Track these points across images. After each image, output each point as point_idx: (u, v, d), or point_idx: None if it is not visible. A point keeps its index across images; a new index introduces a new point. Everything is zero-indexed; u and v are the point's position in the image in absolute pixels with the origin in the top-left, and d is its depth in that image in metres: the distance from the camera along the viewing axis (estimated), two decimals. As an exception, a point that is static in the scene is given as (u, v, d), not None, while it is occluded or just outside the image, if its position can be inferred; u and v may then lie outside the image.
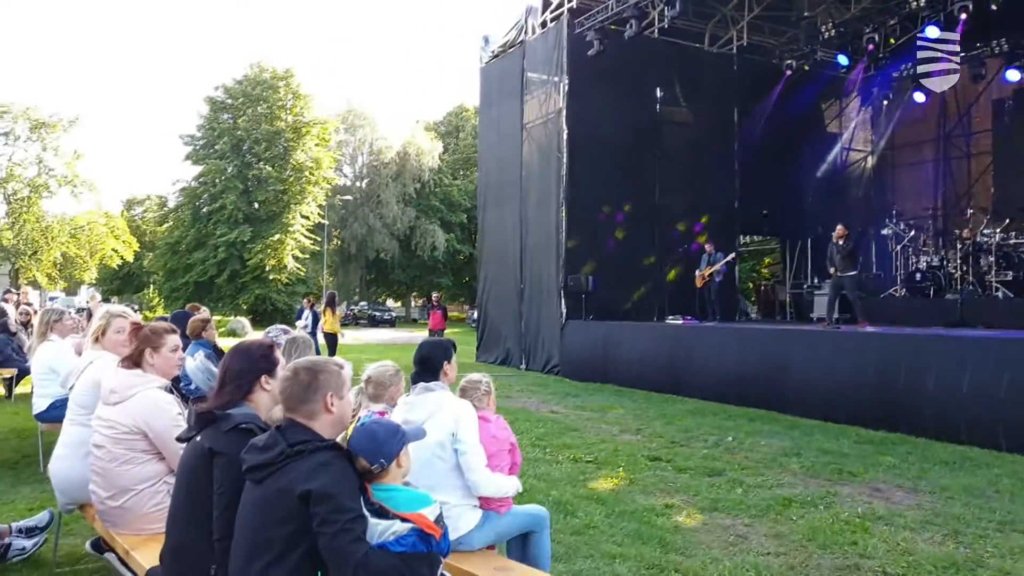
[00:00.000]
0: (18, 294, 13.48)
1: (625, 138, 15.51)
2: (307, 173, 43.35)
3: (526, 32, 16.81)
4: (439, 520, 2.37)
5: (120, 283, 55.72)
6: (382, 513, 2.29)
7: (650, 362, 12.45)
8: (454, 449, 3.31)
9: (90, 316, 9.51)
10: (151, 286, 51.92)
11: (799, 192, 17.75)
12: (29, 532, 4.04)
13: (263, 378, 2.70)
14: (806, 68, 16.72)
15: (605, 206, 15.26)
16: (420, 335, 30.24)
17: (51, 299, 32.10)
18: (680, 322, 13.81)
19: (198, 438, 2.60)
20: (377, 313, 48.00)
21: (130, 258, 48.56)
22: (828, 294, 12.76)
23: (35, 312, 11.43)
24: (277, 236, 41.46)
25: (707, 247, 14.66)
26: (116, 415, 3.30)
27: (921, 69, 14.48)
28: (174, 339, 3.50)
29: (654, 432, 8.56)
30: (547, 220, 15.60)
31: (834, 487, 6.10)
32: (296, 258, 42.88)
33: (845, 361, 9.41)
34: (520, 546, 3.64)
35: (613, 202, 15.36)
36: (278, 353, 2.82)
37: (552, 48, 15.71)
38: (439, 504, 2.44)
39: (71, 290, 60.59)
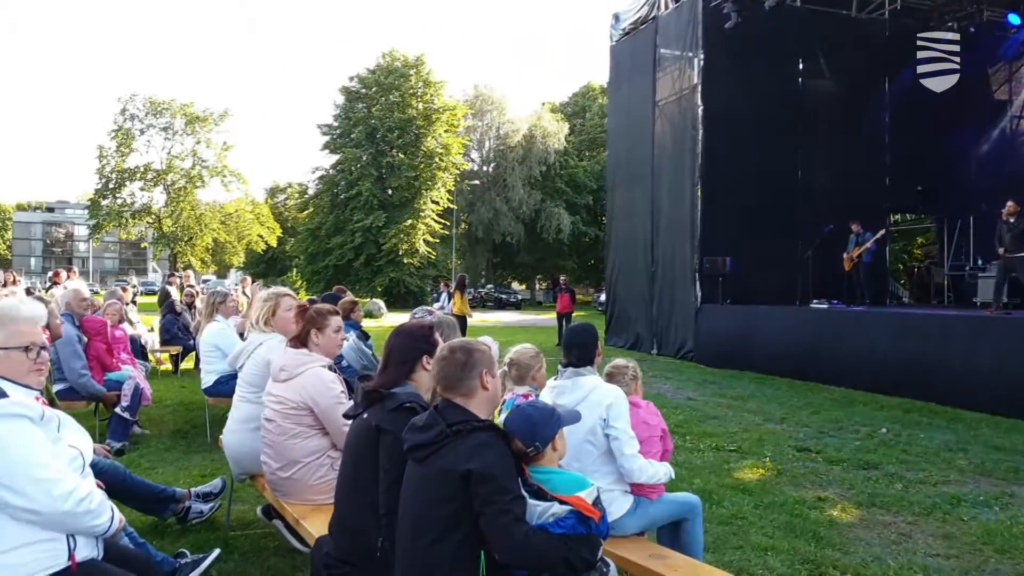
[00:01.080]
0: (181, 277, 14.60)
1: (765, 113, 14.72)
2: (437, 159, 44.48)
3: (658, 8, 16.35)
4: (597, 503, 2.34)
5: (265, 267, 59.55)
6: (540, 495, 2.29)
7: (793, 348, 11.85)
8: (605, 435, 3.26)
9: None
10: (293, 269, 55.09)
11: (959, 166, 16.24)
12: (205, 497, 4.37)
13: (424, 358, 2.75)
14: (971, 30, 15.28)
15: (743, 184, 14.45)
16: (546, 318, 30.38)
17: (204, 282, 34.75)
18: (826, 306, 13.10)
19: (365, 415, 2.68)
20: (503, 296, 48.78)
21: (274, 243, 51.94)
22: (996, 277, 11.68)
23: (198, 294, 12.38)
24: (409, 221, 42.86)
25: (854, 227, 13.79)
26: (285, 391, 3.49)
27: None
28: (337, 320, 3.65)
29: (800, 422, 8.17)
30: (681, 200, 15.11)
31: (1010, 487, 5.58)
32: (427, 242, 44.19)
33: (1019, 350, 8.57)
34: (671, 534, 3.56)
35: (752, 180, 14.52)
36: (437, 335, 2.87)
37: (686, 23, 15.17)
38: (596, 487, 2.40)
39: (221, 273, 65.47)
